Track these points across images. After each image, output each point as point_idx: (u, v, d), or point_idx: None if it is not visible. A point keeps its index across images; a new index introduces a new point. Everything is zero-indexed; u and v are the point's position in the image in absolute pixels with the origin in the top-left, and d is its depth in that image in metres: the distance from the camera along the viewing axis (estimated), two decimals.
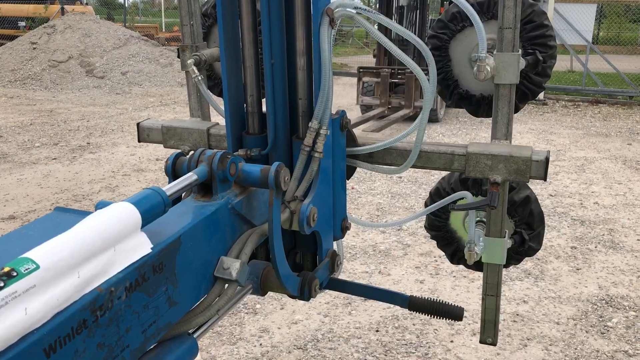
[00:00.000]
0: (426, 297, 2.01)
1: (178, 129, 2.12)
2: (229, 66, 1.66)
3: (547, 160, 1.69)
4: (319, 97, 1.56)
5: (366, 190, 6.40)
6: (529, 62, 1.83)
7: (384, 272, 4.39)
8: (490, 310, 2.00)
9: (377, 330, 3.60)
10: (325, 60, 1.54)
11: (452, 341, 3.50)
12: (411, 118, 10.16)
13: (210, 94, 2.21)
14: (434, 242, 2.28)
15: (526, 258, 2.22)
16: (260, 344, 3.46)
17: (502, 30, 1.70)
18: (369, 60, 15.32)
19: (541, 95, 12.79)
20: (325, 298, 3.97)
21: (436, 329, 3.61)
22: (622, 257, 4.74)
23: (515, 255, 2.12)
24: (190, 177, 1.28)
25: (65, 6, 18.55)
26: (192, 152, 1.38)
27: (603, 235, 5.21)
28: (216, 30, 2.28)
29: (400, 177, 6.84)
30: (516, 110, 1.88)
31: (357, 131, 1.97)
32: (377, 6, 11.43)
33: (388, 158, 1.90)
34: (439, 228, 2.20)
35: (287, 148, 1.72)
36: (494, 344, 2.05)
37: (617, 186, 6.72)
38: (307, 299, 1.58)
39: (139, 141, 2.28)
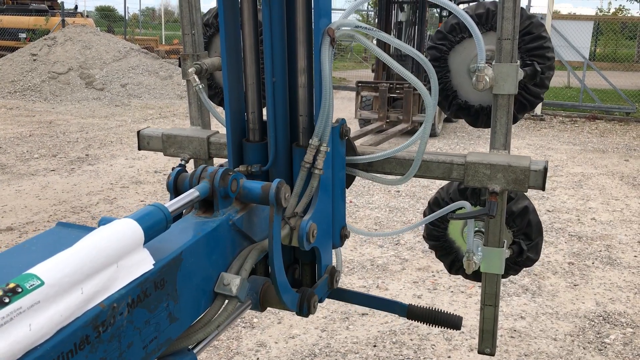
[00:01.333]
0: (425, 306, 2.01)
1: (178, 137, 2.13)
2: (230, 72, 1.67)
3: (545, 170, 1.70)
4: (320, 115, 1.58)
5: (364, 204, 6.41)
6: (528, 73, 1.84)
7: (381, 286, 4.40)
8: (488, 320, 2.00)
9: (375, 345, 3.60)
10: (326, 79, 1.56)
11: (449, 357, 3.49)
12: (409, 132, 10.21)
13: (211, 102, 2.22)
14: (432, 257, 2.29)
15: (524, 273, 2.23)
16: (258, 359, 3.45)
17: (500, 41, 1.72)
18: (367, 74, 15.40)
19: (539, 111, 12.87)
20: (323, 313, 3.97)
21: (434, 345, 3.61)
22: (620, 273, 4.75)
23: (513, 266, 2.12)
24: (192, 194, 1.30)
25: (66, 18, 18.67)
26: (193, 170, 1.40)
27: (600, 251, 5.22)
28: (217, 40, 2.29)
29: (399, 191, 6.86)
30: (514, 121, 1.89)
31: (355, 144, 1.98)
32: (377, 21, 11.52)
33: (387, 167, 1.91)
34: (438, 238, 2.20)
35: (288, 164, 1.73)
36: (492, 354, 2.05)
37: (614, 202, 6.75)
38: (306, 315, 1.59)
39: (139, 149, 2.29)
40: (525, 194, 2.05)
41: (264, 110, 1.75)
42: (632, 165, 8.66)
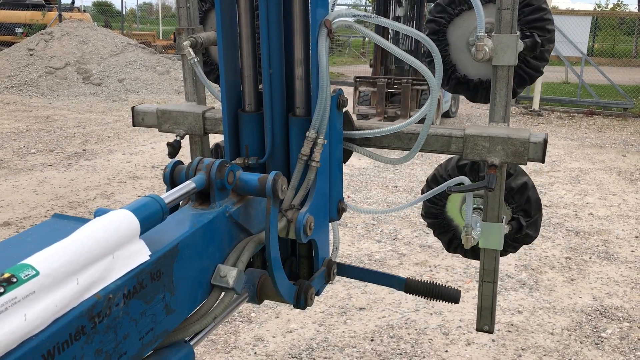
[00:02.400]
0: (423, 280, 1.99)
1: (173, 113, 2.11)
2: (226, 43, 1.65)
3: (545, 142, 1.68)
4: (317, 107, 1.58)
5: (362, 199, 6.41)
6: (527, 44, 1.82)
7: None
8: (487, 297, 1.98)
9: (372, 340, 3.60)
10: (323, 70, 1.56)
11: (446, 351, 3.50)
12: None
13: (206, 77, 2.18)
14: (430, 252, 2.29)
15: (521, 268, 2.22)
16: (255, 353, 3.45)
17: (500, 12, 1.70)
18: (365, 69, 15.39)
19: (536, 106, 12.87)
20: (320, 307, 3.97)
21: (431, 339, 3.62)
22: (617, 268, 4.76)
23: (512, 243, 2.10)
24: (188, 185, 1.29)
25: (62, 13, 18.59)
26: (190, 162, 1.39)
27: (597, 246, 5.23)
28: (213, 16, 2.26)
29: (396, 187, 6.86)
30: (514, 95, 1.87)
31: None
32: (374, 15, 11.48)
33: (385, 141, 1.89)
34: (436, 215, 2.18)
35: (285, 157, 1.73)
36: (490, 331, 2.04)
37: (611, 197, 6.76)
38: (303, 308, 1.59)
39: (134, 125, 2.26)
40: (524, 171, 2.03)
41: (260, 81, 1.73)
42: (630, 161, 8.68)
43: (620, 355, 3.49)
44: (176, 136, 2.10)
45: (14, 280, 0.84)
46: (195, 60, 2.05)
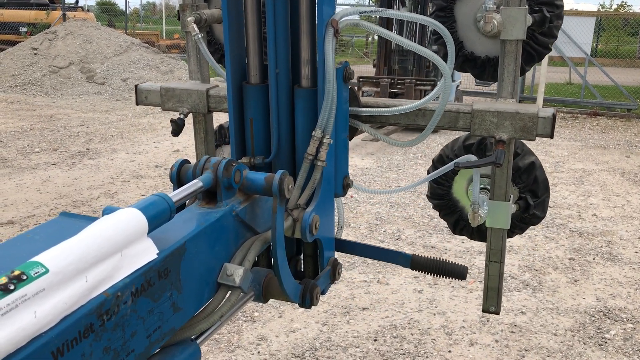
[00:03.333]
0: (429, 256, 1.96)
1: (177, 91, 2.08)
2: (230, 17, 1.63)
3: (554, 117, 1.67)
4: (323, 106, 1.58)
5: (365, 199, 6.41)
6: (536, 19, 1.79)
7: (382, 281, 4.40)
8: (493, 277, 1.95)
9: (375, 340, 3.60)
10: (330, 70, 1.56)
11: (450, 351, 3.50)
12: (410, 128, 10.19)
13: (209, 54, 2.13)
14: (433, 252, 2.28)
15: (524, 269, 2.21)
16: (258, 352, 3.45)
17: None
18: (368, 69, 15.38)
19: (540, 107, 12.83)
20: (324, 307, 3.97)
21: (434, 339, 3.62)
22: (620, 269, 4.75)
23: (519, 224, 2.07)
24: (195, 184, 1.30)
25: (66, 12, 18.63)
26: (197, 161, 1.39)
27: (601, 247, 5.22)
28: None
29: (399, 187, 6.86)
30: (522, 73, 1.85)
31: (356, 139, 1.95)
32: (378, 18, 11.49)
33: (392, 118, 1.86)
34: (442, 196, 2.16)
35: (291, 156, 1.73)
36: (497, 312, 2.00)
37: (615, 198, 6.74)
38: (309, 307, 1.59)
39: (137, 104, 2.24)
40: (531, 150, 2.00)
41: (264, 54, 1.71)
42: (634, 162, 8.66)
43: (624, 357, 3.48)
44: (180, 114, 2.06)
45: (24, 277, 0.85)
46: (200, 36, 2.01)
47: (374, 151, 8.91)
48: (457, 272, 1.92)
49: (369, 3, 29.39)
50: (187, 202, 1.36)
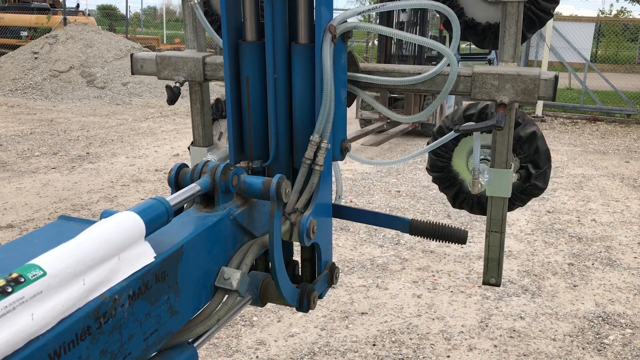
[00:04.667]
0: (429, 221, 1.93)
1: (173, 59, 2.06)
2: None
3: (556, 79, 1.65)
4: (321, 111, 1.59)
5: (364, 204, 6.42)
6: None
7: (381, 286, 4.40)
8: (494, 248, 1.91)
9: (374, 344, 3.60)
10: (327, 75, 1.57)
11: (448, 356, 3.50)
12: (410, 133, 10.22)
13: (206, 19, 2.09)
14: (432, 257, 2.26)
15: (523, 274, 2.18)
16: (257, 357, 3.45)
17: None
18: None
19: (539, 112, 12.87)
20: (323, 311, 3.98)
21: (433, 344, 3.62)
22: (619, 274, 4.75)
23: (520, 195, 2.05)
24: (193, 188, 1.30)
25: (67, 17, 18.67)
26: (195, 165, 1.40)
27: (600, 252, 5.22)
28: None
29: (399, 191, 6.87)
30: (523, 40, 1.82)
31: (356, 144, 1.93)
32: (378, 22, 11.52)
33: (388, 75, 1.81)
34: (442, 169, 2.13)
35: (289, 160, 1.74)
36: (497, 284, 1.96)
37: (614, 204, 6.75)
38: (306, 311, 1.59)
39: (132, 73, 2.21)
40: (532, 120, 1.97)
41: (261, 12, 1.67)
42: (633, 167, 8.67)
43: None
44: (175, 83, 2.03)
45: (22, 280, 0.85)
46: (196, 1, 1.98)
47: (373, 156, 8.92)
48: (457, 237, 1.88)
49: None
50: (185, 205, 1.37)
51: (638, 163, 8.98)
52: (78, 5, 24.60)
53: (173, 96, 2.01)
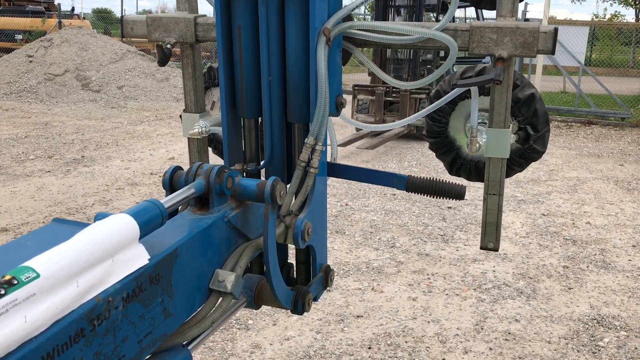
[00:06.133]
0: (425, 177, 1.89)
1: (164, 19, 2.02)
2: None
3: (555, 31, 1.63)
4: (315, 114, 1.59)
5: (360, 207, 6.42)
6: None
7: (377, 289, 4.40)
8: (492, 211, 1.87)
9: (370, 347, 3.60)
10: (322, 78, 1.57)
11: (444, 359, 3.50)
12: (406, 136, 10.23)
13: None
14: (427, 260, 2.25)
15: (518, 276, 2.17)
16: None
17: None
18: (364, 78, 15.44)
19: None
20: (318, 314, 3.97)
21: (428, 347, 3.62)
22: (614, 277, 4.77)
23: (518, 159, 2.02)
24: (187, 191, 1.30)
25: (62, 20, 18.65)
26: (189, 167, 1.40)
27: (595, 255, 5.24)
28: None
29: (394, 195, 6.87)
30: None
31: (351, 147, 1.91)
32: (372, 18, 11.52)
33: (387, 40, 1.77)
34: (439, 134, 2.11)
35: (283, 163, 1.74)
36: (495, 249, 1.91)
37: (609, 206, 6.77)
38: (301, 313, 1.59)
39: (123, 36, 2.18)
40: (531, 83, 1.95)
41: None
42: (627, 170, 8.70)
43: None
44: (167, 44, 1.99)
45: (15, 282, 0.85)
46: None
47: (369, 159, 8.93)
48: (455, 192, 1.84)
49: (364, 12, 29.53)
50: (179, 208, 1.37)
51: (632, 166, 9.02)
52: (73, 9, 24.60)
53: (164, 57, 1.95)
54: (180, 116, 2.11)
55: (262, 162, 1.76)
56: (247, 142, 1.78)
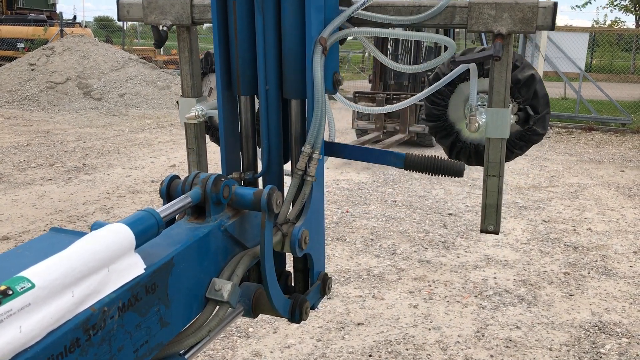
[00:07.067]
0: (424, 154, 1.87)
1: (160, 1, 2.00)
2: None
3: (555, 6, 1.62)
4: (312, 122, 1.60)
5: (361, 214, 6.42)
6: None
7: (377, 296, 4.39)
8: (491, 193, 1.85)
9: (370, 355, 3.59)
10: (318, 87, 1.58)
11: None
12: (406, 143, 10.24)
13: None
14: (428, 267, 2.23)
15: (519, 283, 2.15)
16: None
17: None
18: (364, 85, 15.47)
19: None
20: (319, 322, 3.97)
21: (429, 354, 3.61)
22: (615, 283, 4.75)
23: (519, 142, 2.00)
24: (184, 200, 1.31)
25: (64, 28, 18.73)
26: (186, 176, 1.41)
27: (596, 261, 5.23)
28: None
29: (395, 201, 6.87)
30: None
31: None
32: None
33: (383, 11, 1.76)
34: (438, 117, 2.10)
35: (280, 171, 1.74)
36: (495, 232, 1.89)
37: (610, 213, 6.76)
38: (298, 322, 1.59)
39: (119, 19, 2.17)
40: (530, 64, 1.94)
41: None
42: (628, 176, 8.69)
43: None
44: (163, 26, 1.98)
45: (10, 292, 0.85)
46: None
47: (369, 166, 8.93)
48: (454, 169, 1.82)
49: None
50: (176, 217, 1.37)
51: (633, 172, 9.01)
52: (75, 17, 24.70)
53: (160, 38, 1.95)
54: (177, 102, 2.09)
55: (259, 150, 1.73)
56: (244, 123, 1.77)
